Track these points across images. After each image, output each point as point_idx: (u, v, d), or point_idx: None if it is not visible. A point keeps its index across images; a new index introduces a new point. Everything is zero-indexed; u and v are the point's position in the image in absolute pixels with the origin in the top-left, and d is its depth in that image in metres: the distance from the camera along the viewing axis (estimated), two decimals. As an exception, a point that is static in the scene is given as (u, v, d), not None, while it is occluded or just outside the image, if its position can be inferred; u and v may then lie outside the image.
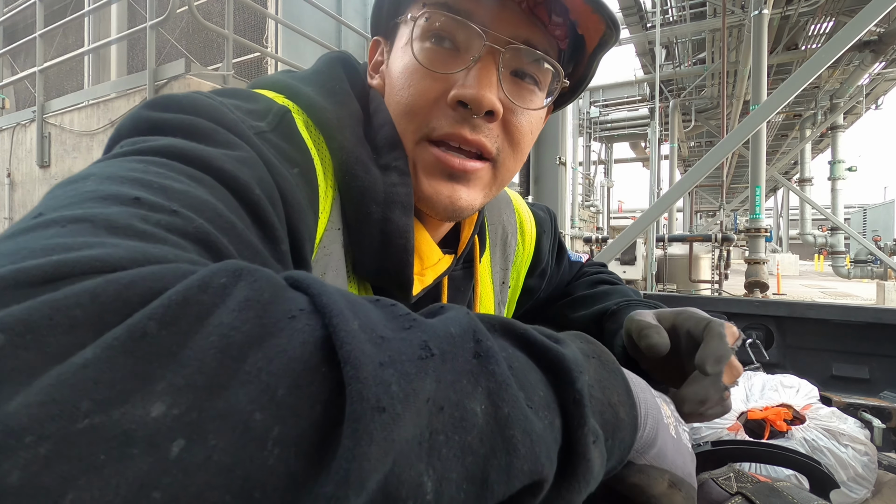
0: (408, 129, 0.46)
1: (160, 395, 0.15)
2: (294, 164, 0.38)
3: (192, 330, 0.16)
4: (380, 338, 0.19)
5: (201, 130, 0.32)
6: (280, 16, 4.32)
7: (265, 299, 0.18)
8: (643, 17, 9.82)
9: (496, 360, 0.22)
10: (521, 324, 0.26)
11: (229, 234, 0.27)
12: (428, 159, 0.45)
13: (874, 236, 11.83)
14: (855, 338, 1.19)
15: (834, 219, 10.44)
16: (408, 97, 0.45)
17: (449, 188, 0.46)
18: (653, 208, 3.54)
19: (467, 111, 0.43)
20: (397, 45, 0.48)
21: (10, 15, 5.18)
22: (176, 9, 3.08)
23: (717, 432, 0.91)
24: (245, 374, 0.16)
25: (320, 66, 0.50)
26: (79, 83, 5.69)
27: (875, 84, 10.55)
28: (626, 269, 7.89)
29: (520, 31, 0.44)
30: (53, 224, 0.20)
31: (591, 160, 15.79)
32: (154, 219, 0.23)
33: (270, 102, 0.41)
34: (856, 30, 2.61)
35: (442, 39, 0.44)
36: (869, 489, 0.81)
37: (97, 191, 0.24)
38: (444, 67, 0.44)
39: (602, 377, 0.29)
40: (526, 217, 0.71)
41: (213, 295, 0.18)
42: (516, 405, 0.21)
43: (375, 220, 0.44)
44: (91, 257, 0.18)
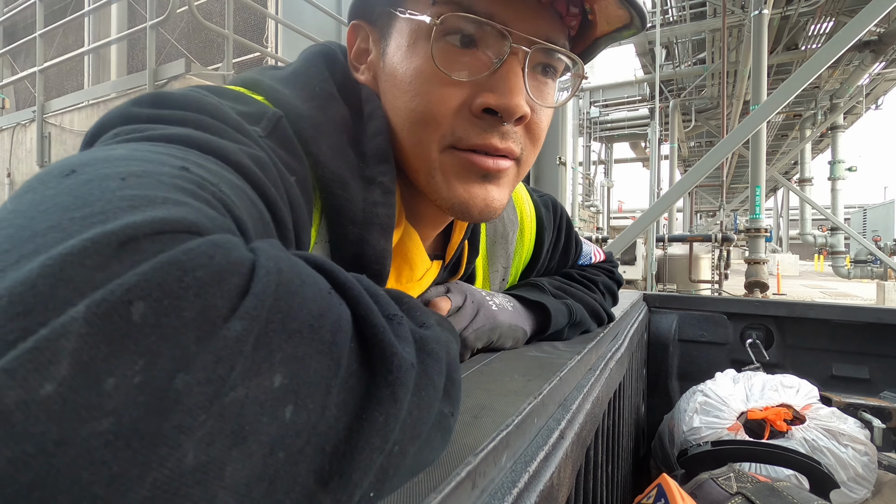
0: (428, 138, 0.43)
1: (279, 365, 0.16)
2: (292, 172, 0.36)
3: (290, 306, 0.18)
4: (391, 317, 0.23)
5: (208, 126, 0.30)
6: (280, 16, 4.31)
7: (326, 285, 0.21)
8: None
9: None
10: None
11: (259, 226, 0.26)
12: (459, 164, 0.43)
13: (874, 236, 11.83)
14: (855, 338, 1.19)
15: (834, 219, 10.44)
16: (425, 105, 0.41)
17: (483, 190, 0.44)
18: (653, 208, 3.54)
19: (496, 118, 0.41)
20: (397, 40, 0.43)
21: (10, 15, 5.18)
22: (176, 9, 3.07)
23: (717, 432, 0.91)
24: (321, 343, 0.18)
25: (301, 64, 0.46)
26: (79, 83, 5.68)
27: (875, 84, 10.55)
28: (626, 269, 7.89)
29: (541, 28, 0.41)
30: (110, 178, 0.19)
31: (591, 160, 15.78)
32: (209, 190, 0.22)
33: (263, 106, 0.38)
34: (856, 30, 2.61)
35: (461, 41, 0.41)
36: (869, 489, 0.81)
37: (135, 157, 0.22)
38: (467, 72, 0.41)
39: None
40: (527, 212, 0.71)
41: (291, 275, 0.19)
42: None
43: (351, 241, 0.41)
44: (172, 216, 0.17)
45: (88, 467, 0.12)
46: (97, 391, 0.13)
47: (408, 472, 0.23)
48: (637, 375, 1.06)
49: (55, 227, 0.16)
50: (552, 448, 0.37)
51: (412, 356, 0.22)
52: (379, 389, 0.19)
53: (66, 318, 0.13)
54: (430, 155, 0.43)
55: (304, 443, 0.16)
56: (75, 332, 0.13)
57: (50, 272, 0.14)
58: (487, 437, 0.29)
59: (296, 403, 0.16)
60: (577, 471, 0.48)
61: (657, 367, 1.34)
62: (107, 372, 0.13)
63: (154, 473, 0.13)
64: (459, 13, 0.39)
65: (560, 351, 0.56)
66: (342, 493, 0.17)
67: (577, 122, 12.80)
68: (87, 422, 0.12)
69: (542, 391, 0.39)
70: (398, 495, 0.23)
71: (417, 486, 0.24)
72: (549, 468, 0.35)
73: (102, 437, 0.12)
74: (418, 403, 0.22)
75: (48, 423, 0.12)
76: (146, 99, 0.31)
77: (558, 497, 0.37)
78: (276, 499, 0.15)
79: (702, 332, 1.33)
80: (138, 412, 0.13)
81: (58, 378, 0.12)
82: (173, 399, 0.13)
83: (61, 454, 0.12)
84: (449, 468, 0.25)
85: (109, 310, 0.13)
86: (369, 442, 0.18)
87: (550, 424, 0.40)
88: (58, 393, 0.12)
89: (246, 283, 0.17)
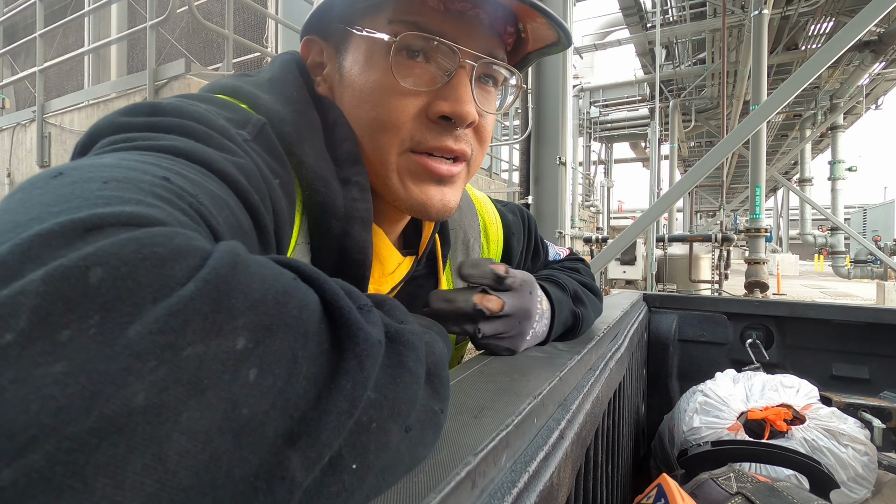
0: (388, 142, 0.47)
1: (241, 330, 0.18)
2: (276, 176, 0.39)
3: (250, 280, 0.19)
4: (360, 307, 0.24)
5: (195, 133, 0.32)
6: (280, 16, 4.31)
7: (287, 271, 0.22)
8: (643, 17, 9.80)
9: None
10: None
11: (237, 235, 0.28)
12: (415, 168, 0.47)
13: (874, 236, 11.82)
14: (855, 338, 1.19)
15: (834, 219, 10.43)
16: (386, 113, 0.46)
17: (439, 192, 0.49)
18: (653, 208, 3.54)
19: (450, 124, 0.46)
20: (354, 55, 0.47)
21: (10, 15, 5.18)
22: (176, 9, 3.07)
23: (717, 432, 0.91)
24: (288, 316, 0.19)
25: (276, 71, 0.49)
26: (79, 83, 5.69)
27: (875, 84, 10.54)
28: (626, 269, 7.89)
29: (484, 44, 0.47)
30: (94, 181, 0.21)
31: (591, 160, 15.77)
32: (187, 200, 0.24)
33: (246, 113, 0.41)
34: (856, 30, 2.61)
35: (416, 55, 0.45)
36: (869, 489, 0.81)
37: (121, 165, 0.24)
38: (422, 84, 0.46)
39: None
40: (491, 220, 0.72)
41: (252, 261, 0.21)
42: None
43: (335, 234, 0.45)
44: (139, 212, 0.19)
45: (37, 400, 0.13)
46: (52, 340, 0.14)
47: (402, 465, 0.24)
48: (637, 375, 1.06)
49: (35, 219, 0.18)
50: (552, 448, 0.37)
51: (380, 335, 0.24)
52: (346, 362, 0.21)
53: (26, 279, 0.15)
54: (389, 158, 0.47)
55: (270, 405, 0.18)
56: (33, 290, 0.15)
57: (19, 249, 0.16)
58: (487, 437, 0.29)
59: (260, 367, 0.18)
60: (577, 471, 0.48)
61: (657, 367, 1.34)
62: (63, 325, 0.15)
63: (100, 408, 0.14)
64: (415, 32, 0.44)
65: (560, 351, 0.56)
66: (311, 450, 0.18)
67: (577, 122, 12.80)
68: (40, 365, 0.14)
69: (542, 391, 0.40)
70: (398, 495, 0.23)
71: (417, 486, 0.24)
72: (549, 468, 0.35)
73: (53, 377, 0.14)
74: (393, 384, 0.23)
75: (5, 366, 0.14)
76: (136, 108, 0.33)
77: (558, 497, 0.37)
78: (242, 455, 0.16)
79: (702, 332, 1.33)
80: (89, 357, 0.15)
81: (16, 329, 0.14)
82: (124, 345, 0.15)
83: (14, 390, 0.13)
84: (449, 468, 0.26)
85: (66, 272, 0.15)
86: (337, 405, 0.20)
87: (550, 424, 0.40)
88: (16, 341, 0.14)
89: (203, 262, 0.18)
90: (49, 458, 0.13)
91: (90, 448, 0.14)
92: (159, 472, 0.14)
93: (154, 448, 0.14)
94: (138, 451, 0.14)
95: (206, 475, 0.15)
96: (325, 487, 0.19)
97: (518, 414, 0.34)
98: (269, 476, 0.17)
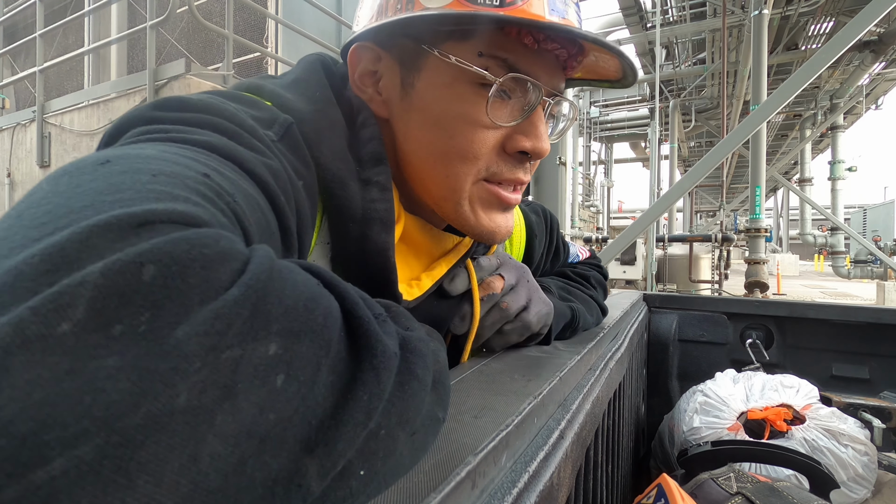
0: (465, 172, 0.47)
1: (274, 336, 0.18)
2: (300, 177, 0.38)
3: (284, 286, 0.20)
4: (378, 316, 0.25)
5: (227, 130, 0.32)
6: (280, 16, 4.31)
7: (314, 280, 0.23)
8: (643, 17, 9.80)
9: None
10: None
11: (266, 237, 0.29)
12: (487, 197, 0.49)
13: (874, 236, 11.82)
14: (855, 338, 1.19)
15: (834, 219, 10.43)
16: (467, 145, 0.46)
17: (505, 219, 0.51)
18: (653, 208, 3.54)
19: (525, 157, 0.49)
20: (432, 78, 0.46)
21: (10, 15, 5.18)
22: (176, 9, 3.08)
23: (717, 432, 0.91)
24: (314, 323, 0.20)
25: (300, 71, 0.49)
26: (79, 83, 5.69)
27: (875, 84, 10.53)
28: (626, 269, 7.89)
29: (557, 82, 0.48)
30: (143, 172, 0.22)
31: (591, 160, 15.77)
32: (225, 199, 0.24)
33: (274, 111, 0.40)
34: (856, 30, 2.61)
35: (504, 93, 0.46)
36: (869, 489, 0.81)
37: (164, 158, 0.24)
38: (506, 119, 0.46)
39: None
40: (516, 221, 0.73)
41: (283, 268, 0.21)
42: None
43: (353, 238, 0.44)
44: (188, 211, 0.20)
45: (90, 393, 0.14)
46: (106, 334, 0.15)
47: (403, 468, 0.24)
48: (637, 375, 1.06)
49: (88, 207, 0.18)
50: (552, 448, 0.37)
51: (395, 347, 0.24)
52: (364, 373, 0.21)
53: (86, 271, 0.15)
54: (462, 186, 0.48)
55: (293, 411, 0.18)
56: (92, 282, 0.15)
57: (77, 238, 0.16)
58: (487, 437, 0.29)
59: (287, 374, 0.18)
60: (577, 471, 0.48)
61: (657, 367, 1.34)
62: (116, 319, 0.15)
63: (147, 405, 0.14)
64: (515, 74, 0.44)
65: (560, 351, 0.56)
66: (327, 459, 0.19)
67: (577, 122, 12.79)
68: (94, 358, 0.14)
69: (542, 391, 0.40)
70: (398, 495, 0.23)
71: (417, 486, 0.24)
72: (549, 468, 0.35)
73: (105, 371, 0.14)
74: (402, 392, 0.23)
75: (62, 356, 0.14)
76: (168, 103, 0.33)
77: (558, 497, 0.37)
78: (264, 459, 0.17)
79: (702, 332, 1.33)
80: (140, 353, 0.15)
81: (74, 319, 0.14)
82: (172, 345, 0.15)
83: (69, 381, 0.14)
84: (449, 468, 0.26)
85: (123, 267, 0.16)
86: (353, 416, 0.20)
87: (550, 424, 0.40)
88: (72, 332, 0.14)
89: (244, 267, 0.19)
90: (99, 452, 0.13)
91: (136, 444, 0.14)
92: (193, 472, 0.15)
93: (191, 448, 0.15)
94: (177, 450, 0.14)
95: (233, 478, 0.16)
96: (333, 492, 0.20)
97: (518, 414, 0.34)
98: (287, 482, 0.17)
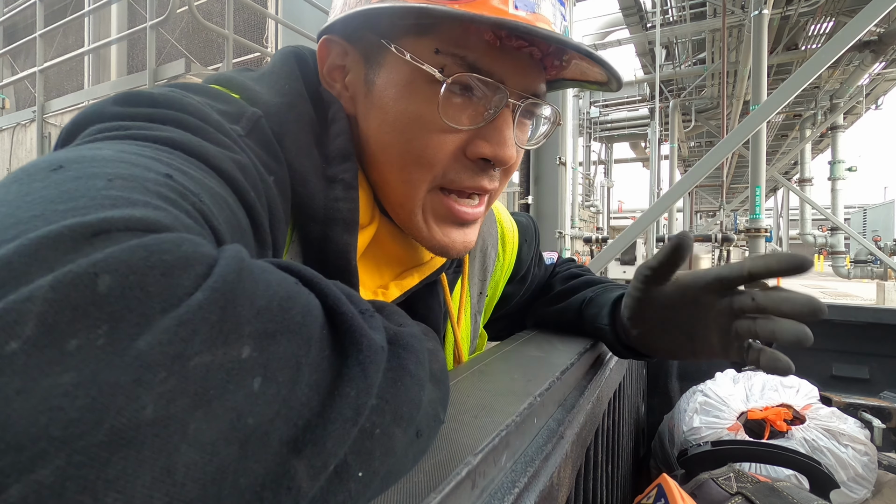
0: (420, 178, 0.44)
1: (247, 339, 0.17)
2: (271, 172, 0.37)
3: (255, 287, 0.19)
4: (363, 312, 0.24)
5: (190, 126, 0.30)
6: (280, 16, 4.31)
7: (293, 278, 0.22)
8: (643, 17, 9.79)
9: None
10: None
11: (237, 235, 0.27)
12: (441, 210, 0.46)
13: (874, 236, 11.81)
14: (855, 338, 1.19)
15: (834, 219, 10.42)
16: (422, 149, 0.43)
17: (462, 234, 0.48)
18: (653, 208, 3.54)
19: (488, 164, 0.45)
20: (390, 75, 0.43)
21: (10, 15, 5.18)
22: (176, 9, 3.07)
23: (717, 432, 0.91)
24: (291, 323, 0.19)
25: (274, 64, 0.47)
26: (79, 83, 5.69)
27: (875, 84, 10.52)
28: (626, 270, 7.88)
29: (531, 82, 0.44)
30: (98, 177, 0.20)
31: (591, 160, 15.76)
32: (190, 200, 0.23)
33: (242, 105, 0.38)
34: (856, 30, 2.61)
35: (463, 93, 0.42)
36: (869, 489, 0.81)
37: (122, 160, 0.23)
38: (465, 122, 0.43)
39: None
40: (509, 229, 0.72)
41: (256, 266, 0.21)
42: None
43: (314, 238, 0.41)
44: (147, 216, 0.19)
45: (46, 412, 0.13)
46: (60, 350, 0.14)
47: (404, 469, 0.24)
48: (637, 375, 1.06)
49: (38, 217, 0.17)
50: (552, 448, 0.37)
51: (382, 341, 0.23)
52: (350, 368, 0.21)
53: (34, 285, 0.14)
54: (417, 193, 0.45)
55: (275, 414, 0.17)
56: (41, 297, 0.14)
57: (25, 251, 0.15)
58: (487, 437, 0.29)
59: (264, 376, 0.17)
60: (577, 471, 0.48)
61: (657, 367, 1.34)
62: (71, 334, 0.14)
63: (111, 420, 0.14)
64: (468, 73, 0.41)
65: (560, 351, 0.56)
66: (316, 459, 0.18)
67: (577, 122, 12.79)
68: (48, 375, 0.13)
69: (542, 391, 0.40)
70: (398, 495, 0.23)
71: (417, 486, 0.24)
72: (549, 468, 0.35)
73: (61, 388, 0.13)
74: (394, 388, 0.23)
75: (11, 375, 0.13)
76: (129, 98, 0.31)
77: (558, 497, 0.37)
78: (247, 464, 0.16)
79: (702, 332, 1.32)
80: (99, 368, 0.14)
81: (23, 336, 0.14)
82: (133, 356, 0.15)
83: (21, 401, 0.13)
84: (449, 468, 0.26)
85: (75, 279, 0.15)
86: (341, 413, 0.19)
87: (550, 424, 0.40)
88: (22, 349, 0.13)
89: (210, 270, 0.18)
90: (60, 473, 0.13)
91: (101, 462, 0.13)
92: (167, 485, 0.14)
93: (163, 461, 0.14)
94: (147, 464, 0.14)
95: (213, 487, 0.15)
96: (332, 496, 0.19)
97: (518, 414, 0.34)
98: (276, 486, 0.17)
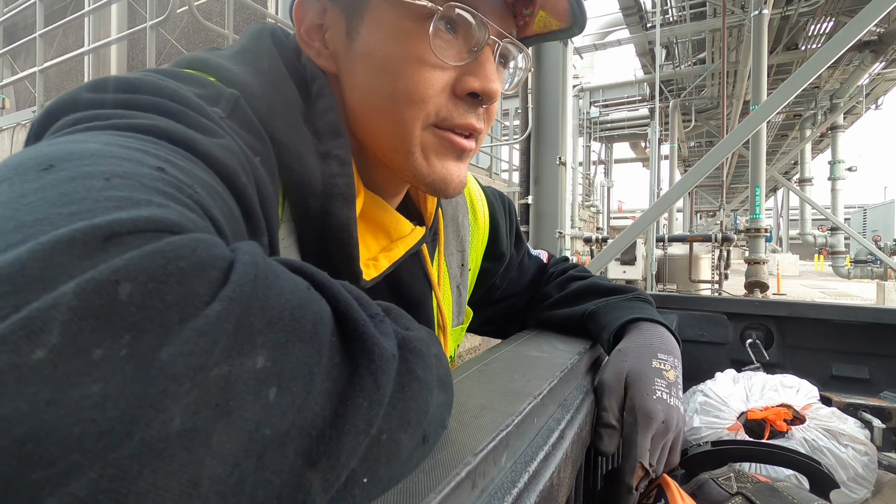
0: (413, 116, 0.44)
1: (261, 348, 0.17)
2: (256, 153, 0.36)
3: (268, 295, 0.19)
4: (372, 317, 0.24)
5: (171, 112, 0.29)
6: (280, 16, 4.31)
7: (306, 283, 0.22)
8: (643, 17, 9.79)
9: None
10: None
11: (231, 224, 0.27)
12: (439, 143, 0.46)
13: (874, 236, 11.82)
14: (855, 338, 1.19)
15: (834, 219, 10.42)
16: (413, 86, 0.43)
17: (458, 168, 0.48)
18: (653, 208, 3.54)
19: (476, 101, 0.45)
20: (376, 21, 0.44)
21: (10, 15, 5.18)
22: (176, 9, 3.07)
23: (717, 432, 0.91)
24: (302, 332, 0.19)
25: (246, 41, 0.46)
26: (79, 83, 5.66)
27: (875, 84, 10.53)
28: (626, 269, 7.88)
29: (507, 24, 0.47)
30: (94, 176, 0.19)
31: (591, 160, 15.76)
32: (186, 192, 0.23)
33: (219, 87, 0.37)
34: (856, 30, 2.61)
35: (449, 28, 0.44)
36: (869, 489, 0.81)
37: (111, 154, 0.22)
38: (453, 58, 0.44)
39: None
40: (476, 194, 0.71)
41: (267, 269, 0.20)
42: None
43: (314, 214, 0.42)
44: (155, 216, 0.18)
45: (78, 423, 0.13)
46: (86, 360, 0.14)
47: (407, 472, 0.24)
48: (637, 375, 1.06)
49: (42, 220, 0.16)
50: (552, 448, 0.37)
51: (393, 349, 0.23)
52: (362, 378, 0.20)
53: (58, 293, 0.14)
54: (412, 133, 0.45)
55: (290, 424, 0.17)
56: (65, 305, 0.14)
57: (40, 256, 0.15)
58: (487, 437, 0.29)
59: (279, 386, 0.17)
60: (577, 471, 0.48)
61: (657, 367, 1.33)
62: (95, 343, 0.14)
63: (141, 433, 0.14)
64: (458, 3, 0.42)
65: (560, 351, 0.56)
66: (331, 472, 0.18)
67: (577, 122, 12.79)
68: (76, 385, 0.13)
69: (542, 391, 0.39)
70: (398, 495, 0.23)
71: (417, 486, 0.24)
72: (549, 468, 0.35)
73: (91, 399, 0.13)
74: (402, 394, 0.23)
75: (40, 385, 0.13)
76: (104, 83, 0.30)
77: (558, 497, 0.37)
78: (265, 476, 0.16)
79: (702, 332, 1.32)
80: (125, 379, 0.14)
81: (48, 345, 0.13)
82: (159, 368, 0.14)
83: (52, 412, 0.13)
84: (449, 468, 0.26)
85: (98, 287, 0.15)
86: (354, 425, 0.19)
87: (550, 424, 0.40)
88: (48, 359, 0.13)
89: (225, 275, 0.18)
90: (94, 486, 0.13)
91: (133, 475, 0.13)
92: (194, 498, 0.14)
93: (190, 473, 0.14)
94: (176, 476, 0.14)
95: (233, 499, 0.15)
96: (336, 503, 0.19)
97: (518, 414, 0.34)
98: (291, 498, 0.17)
